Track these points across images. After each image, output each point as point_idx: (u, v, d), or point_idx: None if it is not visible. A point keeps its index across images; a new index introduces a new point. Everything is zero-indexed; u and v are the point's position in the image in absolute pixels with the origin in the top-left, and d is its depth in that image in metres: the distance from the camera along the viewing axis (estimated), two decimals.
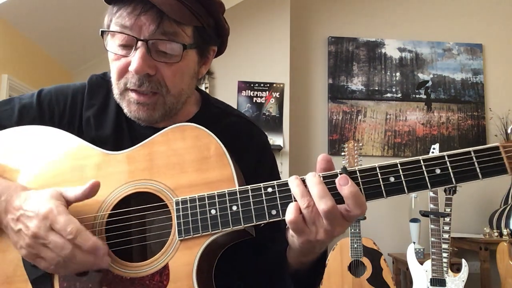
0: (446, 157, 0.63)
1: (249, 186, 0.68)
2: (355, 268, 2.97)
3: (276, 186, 0.67)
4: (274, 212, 0.66)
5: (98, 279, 0.69)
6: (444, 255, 2.90)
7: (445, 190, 3.15)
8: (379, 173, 0.64)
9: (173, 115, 0.83)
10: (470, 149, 0.63)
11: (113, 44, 0.78)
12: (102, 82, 0.90)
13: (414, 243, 3.28)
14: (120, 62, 0.77)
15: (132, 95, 0.78)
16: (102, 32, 0.78)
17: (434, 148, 3.13)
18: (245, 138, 0.91)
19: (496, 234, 3.49)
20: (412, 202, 3.75)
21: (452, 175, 0.63)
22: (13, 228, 0.67)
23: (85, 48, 3.76)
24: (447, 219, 3.01)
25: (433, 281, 2.84)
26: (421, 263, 2.95)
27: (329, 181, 0.64)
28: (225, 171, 0.70)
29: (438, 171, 0.63)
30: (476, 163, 0.62)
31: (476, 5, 4.33)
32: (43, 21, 3.12)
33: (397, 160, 0.65)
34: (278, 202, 0.66)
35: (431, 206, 2.97)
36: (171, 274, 0.68)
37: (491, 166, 0.62)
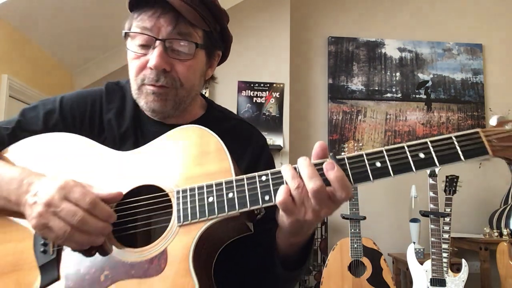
0: (429, 143, 0.68)
1: (244, 176, 0.72)
2: (355, 268, 2.97)
3: (270, 174, 0.71)
4: (267, 197, 0.70)
5: (101, 264, 0.73)
6: (444, 255, 2.91)
7: (445, 190, 3.15)
8: (366, 159, 0.68)
9: (182, 111, 0.92)
10: (451, 134, 0.68)
11: (133, 45, 0.87)
12: (117, 88, 1.00)
13: (414, 243, 3.28)
14: (139, 60, 0.87)
15: (149, 87, 0.87)
16: (126, 34, 0.88)
17: None
18: (245, 139, 0.98)
19: (496, 234, 3.49)
20: (412, 202, 3.75)
21: (435, 158, 0.67)
22: (29, 202, 0.73)
23: (85, 48, 3.76)
24: (447, 219, 3.01)
25: (433, 281, 2.84)
26: (421, 263, 2.95)
27: (319, 168, 0.68)
28: (223, 163, 0.75)
29: (422, 155, 0.67)
30: (458, 147, 0.67)
31: (476, 5, 4.34)
32: (43, 21, 3.13)
33: (383, 148, 0.69)
34: (271, 188, 0.70)
35: (431, 206, 2.97)
36: (169, 257, 0.71)
37: (472, 148, 0.67)
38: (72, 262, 0.74)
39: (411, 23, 4.31)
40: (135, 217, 0.77)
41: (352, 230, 3.00)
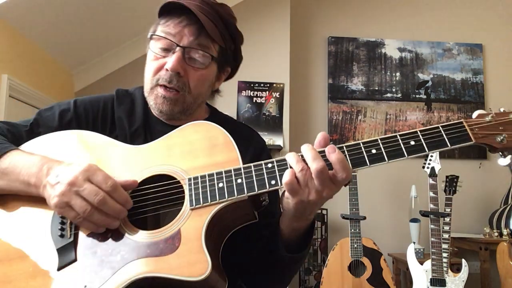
0: (418, 132, 0.77)
1: (252, 164, 0.79)
2: (355, 268, 2.97)
3: (275, 162, 0.78)
4: (273, 182, 0.77)
5: (117, 246, 0.77)
6: (444, 255, 2.91)
7: (445, 190, 3.15)
8: (362, 147, 0.76)
9: (189, 115, 1.00)
10: (438, 125, 0.78)
11: (155, 47, 0.96)
12: (126, 94, 1.07)
13: (414, 243, 3.28)
14: (158, 61, 0.96)
15: (160, 90, 0.95)
16: (152, 36, 0.97)
17: None
18: (246, 140, 1.03)
19: (496, 234, 3.49)
20: (412, 202, 3.75)
21: (425, 145, 0.76)
22: (51, 183, 0.78)
23: (85, 48, 3.76)
24: (447, 219, 3.01)
25: (433, 281, 2.84)
26: (421, 263, 2.95)
27: (321, 154, 0.75)
28: (231, 154, 0.82)
29: (412, 142, 0.77)
30: (444, 135, 0.77)
31: (476, 5, 4.34)
32: (43, 21, 3.13)
33: (378, 137, 0.77)
34: (277, 173, 0.77)
35: (431, 206, 2.97)
36: (183, 237, 0.75)
37: (457, 136, 0.77)
38: (89, 245, 0.78)
39: (411, 23, 4.31)
40: (149, 203, 0.82)
41: (352, 230, 3.00)
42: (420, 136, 0.77)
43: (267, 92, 3.87)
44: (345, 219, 3.07)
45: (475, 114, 0.81)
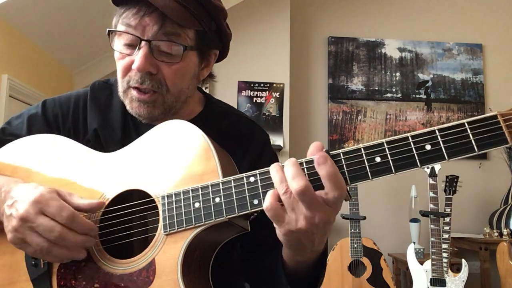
0: (437, 131, 0.59)
1: (232, 177, 0.67)
2: (355, 268, 2.97)
3: (258, 175, 0.66)
4: (256, 201, 0.65)
5: (91, 276, 0.72)
6: (444, 255, 2.90)
7: (445, 190, 3.15)
8: (364, 154, 0.61)
9: (174, 114, 0.86)
10: (464, 120, 0.58)
11: (119, 44, 0.81)
12: (104, 86, 0.95)
13: (414, 243, 3.28)
14: (125, 60, 0.81)
15: (134, 93, 0.81)
16: (109, 32, 0.82)
17: None
18: (246, 136, 0.93)
19: (496, 234, 3.49)
20: (412, 202, 3.75)
21: (444, 150, 0.58)
22: (6, 214, 0.70)
23: (85, 48, 3.75)
24: (447, 219, 3.01)
25: (433, 281, 2.84)
26: (421, 263, 2.95)
27: (309, 166, 0.62)
28: (209, 163, 0.70)
29: (428, 147, 0.59)
30: (470, 135, 0.57)
31: (476, 5, 4.33)
32: (43, 21, 3.12)
33: (384, 140, 0.61)
34: (260, 191, 0.65)
35: (431, 206, 2.97)
36: (157, 269, 0.69)
37: (488, 137, 0.57)
38: (64, 275, 0.73)
39: (411, 23, 4.30)
40: (123, 225, 0.75)
41: (352, 230, 3.00)
42: (439, 137, 0.58)
43: (267, 92, 3.86)
44: (345, 219, 3.07)
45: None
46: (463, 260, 2.93)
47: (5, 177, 0.78)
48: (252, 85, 3.87)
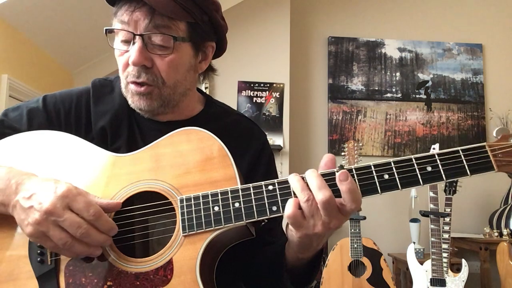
0: (436, 156, 0.69)
1: (251, 185, 0.71)
2: (355, 268, 2.97)
3: (276, 184, 0.70)
4: (274, 208, 0.69)
5: (104, 274, 0.71)
6: (444, 255, 2.90)
7: (445, 190, 3.15)
8: (374, 171, 0.68)
9: (174, 106, 0.88)
10: (459, 148, 0.69)
11: (117, 41, 0.85)
12: (105, 82, 0.96)
13: (414, 243, 3.28)
14: (123, 57, 0.84)
15: (132, 87, 0.84)
16: (106, 30, 0.84)
17: (434, 148, 3.13)
18: (246, 136, 0.96)
19: (496, 234, 3.49)
20: (412, 202, 3.75)
21: (442, 172, 0.68)
22: (23, 206, 0.68)
23: (85, 48, 3.75)
24: (447, 219, 3.01)
25: (433, 281, 2.84)
26: (421, 263, 2.95)
27: (327, 178, 0.68)
28: (228, 171, 0.74)
29: (429, 168, 0.68)
30: (464, 161, 0.68)
31: (476, 5, 4.33)
32: (43, 21, 3.12)
33: (391, 159, 0.69)
34: (279, 198, 0.70)
35: (431, 206, 2.97)
36: (175, 268, 0.70)
37: (478, 163, 0.68)
38: (73, 272, 0.72)
39: (411, 23, 4.30)
40: (138, 225, 0.75)
41: (352, 230, 3.00)
42: (438, 161, 0.68)
43: (267, 92, 3.86)
44: None
45: (496, 132, 0.74)
46: (463, 260, 2.93)
47: (15, 168, 0.75)
48: (252, 85, 3.87)
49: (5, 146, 0.82)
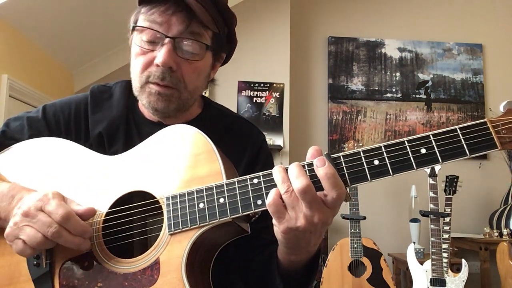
0: (431, 136, 0.63)
1: (235, 179, 0.69)
2: (355, 268, 2.97)
3: (261, 176, 0.68)
4: (259, 202, 0.67)
5: (95, 276, 0.73)
6: (444, 255, 2.90)
7: (445, 190, 3.15)
8: (363, 157, 0.64)
9: (185, 111, 0.90)
10: (456, 126, 0.62)
11: (139, 40, 0.84)
12: (103, 89, 0.97)
13: (414, 243, 3.28)
14: (146, 56, 0.83)
15: (153, 87, 0.83)
16: (133, 27, 0.85)
17: None
18: (243, 137, 0.97)
19: (496, 234, 3.49)
20: (412, 202, 3.75)
21: (438, 154, 0.62)
22: (13, 214, 0.73)
23: (85, 48, 3.76)
24: (447, 219, 3.01)
25: (433, 281, 2.84)
26: (421, 263, 2.95)
27: (310, 169, 0.65)
28: (213, 166, 0.72)
29: (423, 150, 0.62)
30: (462, 140, 0.61)
31: (476, 5, 4.34)
32: (43, 21, 3.12)
33: (381, 144, 0.64)
34: (264, 191, 0.67)
35: (431, 206, 2.97)
36: (162, 267, 0.70)
37: (479, 141, 0.60)
38: (67, 274, 0.75)
39: (411, 23, 4.31)
40: (127, 225, 0.76)
41: (352, 230, 3.00)
42: (433, 142, 0.62)
43: (267, 92, 3.87)
44: (345, 219, 3.07)
45: (503, 105, 0.65)
46: (463, 260, 2.93)
47: (18, 184, 0.80)
48: (252, 85, 3.87)
49: (10, 155, 0.86)
